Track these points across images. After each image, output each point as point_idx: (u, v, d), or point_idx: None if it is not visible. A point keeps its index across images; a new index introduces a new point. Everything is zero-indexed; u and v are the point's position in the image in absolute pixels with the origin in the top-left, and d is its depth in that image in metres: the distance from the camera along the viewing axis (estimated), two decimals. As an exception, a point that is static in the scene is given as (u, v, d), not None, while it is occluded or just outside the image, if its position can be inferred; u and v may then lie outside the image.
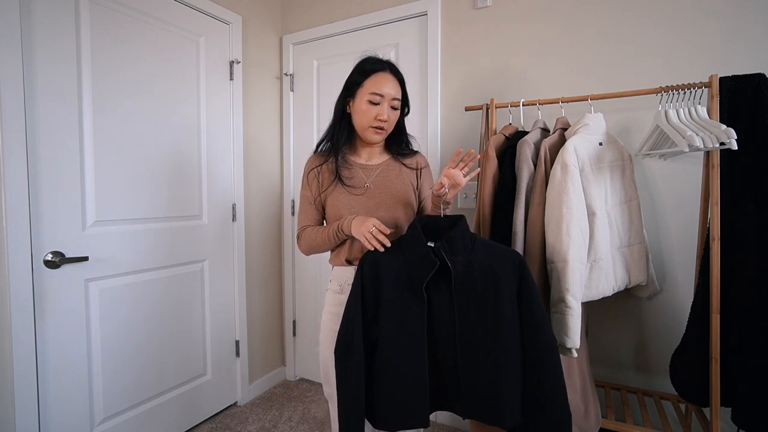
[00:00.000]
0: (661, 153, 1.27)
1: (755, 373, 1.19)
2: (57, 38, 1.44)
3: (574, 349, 1.19)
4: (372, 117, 1.18)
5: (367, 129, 1.20)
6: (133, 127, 1.67)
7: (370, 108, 1.18)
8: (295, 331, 2.46)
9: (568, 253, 1.19)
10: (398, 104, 1.21)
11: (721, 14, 1.45)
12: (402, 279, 1.06)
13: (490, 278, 1.01)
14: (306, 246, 1.25)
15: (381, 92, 1.17)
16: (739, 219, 1.23)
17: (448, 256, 1.02)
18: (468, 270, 1.02)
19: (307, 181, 1.29)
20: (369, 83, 1.18)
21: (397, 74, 1.22)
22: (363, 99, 1.18)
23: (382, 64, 1.21)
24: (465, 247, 1.04)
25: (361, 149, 1.29)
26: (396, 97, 1.20)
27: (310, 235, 1.24)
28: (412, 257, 1.06)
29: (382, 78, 1.19)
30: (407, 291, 1.05)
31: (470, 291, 1.02)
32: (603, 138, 1.34)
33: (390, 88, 1.18)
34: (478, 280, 1.02)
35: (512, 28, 1.79)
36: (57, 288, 1.45)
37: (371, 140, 1.23)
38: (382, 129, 1.20)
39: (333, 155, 1.26)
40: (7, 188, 1.31)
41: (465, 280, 1.02)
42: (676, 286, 1.53)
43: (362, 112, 1.19)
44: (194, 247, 1.93)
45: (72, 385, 1.50)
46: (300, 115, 2.39)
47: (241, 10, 2.14)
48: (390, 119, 1.20)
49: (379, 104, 1.18)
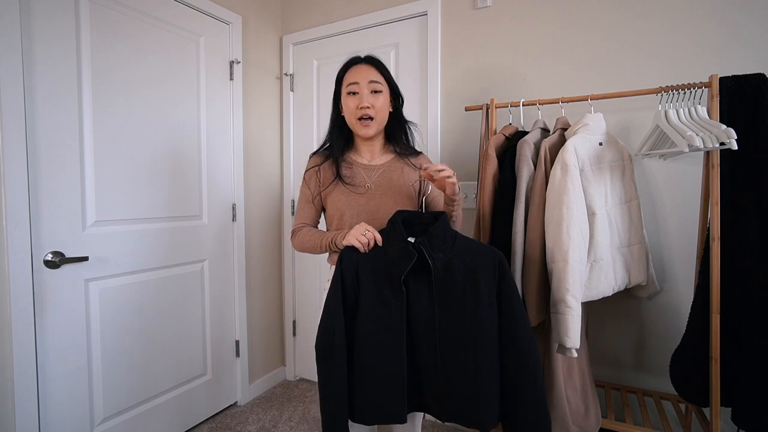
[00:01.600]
0: (660, 153, 1.27)
1: (755, 373, 1.19)
2: (57, 38, 1.44)
3: (574, 348, 1.19)
4: (354, 108, 1.17)
5: (355, 124, 1.19)
6: (133, 127, 1.67)
7: (352, 100, 1.18)
8: (295, 331, 2.46)
9: (568, 253, 1.19)
10: (379, 87, 1.18)
11: (722, 14, 1.45)
12: (381, 274, 1.04)
13: (470, 276, 1.00)
14: (299, 245, 1.25)
15: (355, 80, 1.17)
16: (739, 219, 1.23)
17: (428, 252, 1.01)
18: (448, 267, 1.01)
19: (307, 179, 1.29)
20: (345, 80, 1.20)
21: (371, 61, 1.22)
22: (345, 97, 1.20)
23: (353, 59, 1.23)
24: (445, 243, 1.04)
25: (363, 148, 1.27)
26: (373, 79, 1.18)
27: (305, 237, 1.23)
28: (392, 252, 1.04)
29: (354, 69, 1.20)
30: (386, 286, 1.03)
31: (450, 289, 1.01)
32: (603, 138, 1.34)
33: (363, 72, 1.18)
34: (457, 278, 1.01)
35: (512, 28, 1.79)
36: (57, 288, 1.45)
37: (365, 135, 1.20)
38: (370, 118, 1.18)
39: (333, 156, 1.26)
40: (7, 188, 1.31)
41: (445, 278, 1.01)
42: (676, 286, 1.53)
43: (347, 108, 1.20)
44: (194, 247, 1.93)
45: (72, 385, 1.50)
46: (300, 115, 2.39)
47: (241, 10, 2.14)
48: (375, 106, 1.17)
49: (358, 93, 1.17)
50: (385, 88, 1.20)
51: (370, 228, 1.08)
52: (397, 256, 1.02)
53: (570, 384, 1.33)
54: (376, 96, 1.18)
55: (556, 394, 1.29)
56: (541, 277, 1.27)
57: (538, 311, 1.26)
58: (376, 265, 1.06)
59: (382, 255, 1.06)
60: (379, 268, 1.05)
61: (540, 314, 1.27)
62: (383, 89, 1.19)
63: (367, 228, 1.08)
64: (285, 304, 2.48)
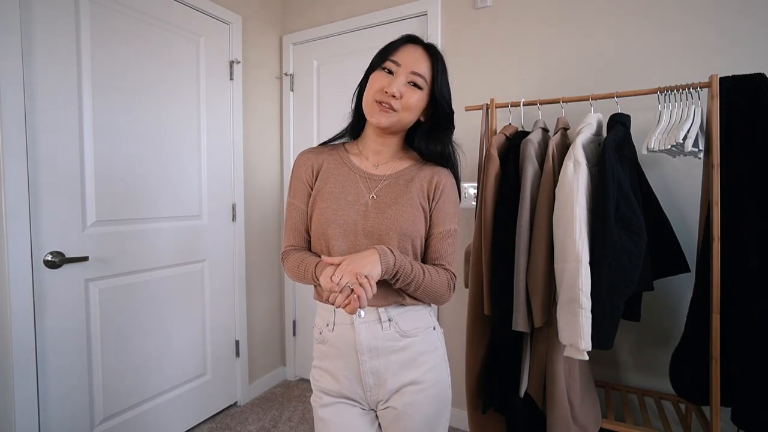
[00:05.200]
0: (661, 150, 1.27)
1: (755, 373, 1.19)
2: (57, 38, 1.43)
3: (587, 351, 1.15)
4: (378, 88, 0.88)
5: (371, 105, 0.89)
6: (133, 127, 1.67)
7: (380, 77, 0.89)
8: (295, 331, 2.46)
9: (581, 252, 1.16)
10: (421, 81, 0.89)
11: (722, 14, 1.45)
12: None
13: None
14: (292, 275, 0.93)
15: (399, 59, 0.89)
16: (739, 219, 1.23)
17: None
18: None
19: (296, 184, 0.97)
20: (388, 55, 0.91)
21: (430, 49, 0.92)
22: (376, 72, 0.91)
23: (409, 36, 0.93)
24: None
25: (370, 146, 0.97)
26: (416, 71, 0.88)
27: (294, 266, 0.92)
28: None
29: (404, 49, 0.90)
30: None
31: None
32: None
33: (410, 56, 0.89)
34: None
35: (512, 28, 1.79)
36: (57, 288, 1.45)
37: (376, 122, 0.89)
38: (389, 108, 0.88)
39: (339, 147, 1.00)
40: (7, 188, 1.31)
41: None
42: (676, 286, 1.53)
43: (370, 85, 0.90)
44: (194, 247, 1.93)
45: (72, 385, 1.50)
46: (300, 115, 2.39)
47: (241, 10, 2.14)
48: (405, 99, 0.88)
49: (394, 74, 0.88)
50: (426, 88, 0.91)
51: (354, 271, 0.75)
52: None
53: (571, 384, 1.33)
54: (412, 90, 0.89)
55: (557, 393, 1.29)
56: (547, 276, 1.27)
57: (543, 312, 1.26)
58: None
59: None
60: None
61: (545, 315, 1.26)
62: (425, 87, 0.90)
63: (349, 272, 0.75)
64: (285, 304, 2.47)
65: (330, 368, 0.93)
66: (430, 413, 0.92)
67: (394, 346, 0.90)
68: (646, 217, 1.22)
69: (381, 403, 0.93)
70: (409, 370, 0.91)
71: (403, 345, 0.91)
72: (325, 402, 0.94)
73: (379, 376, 0.90)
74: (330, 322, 0.92)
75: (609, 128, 1.30)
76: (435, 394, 0.93)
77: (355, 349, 0.90)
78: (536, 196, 1.32)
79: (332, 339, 0.92)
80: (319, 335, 0.96)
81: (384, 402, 0.92)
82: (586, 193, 1.20)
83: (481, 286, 1.42)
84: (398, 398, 0.91)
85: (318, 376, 0.96)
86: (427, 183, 0.94)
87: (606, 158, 1.18)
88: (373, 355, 0.90)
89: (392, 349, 0.90)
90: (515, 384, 1.39)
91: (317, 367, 0.97)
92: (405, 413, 0.90)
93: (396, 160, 0.98)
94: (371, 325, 0.90)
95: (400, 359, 0.91)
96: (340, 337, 0.91)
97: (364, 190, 0.93)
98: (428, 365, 0.93)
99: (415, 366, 0.91)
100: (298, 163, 0.99)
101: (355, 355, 0.90)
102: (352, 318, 0.90)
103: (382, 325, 0.90)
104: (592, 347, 1.15)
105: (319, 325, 0.96)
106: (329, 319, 0.93)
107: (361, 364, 0.90)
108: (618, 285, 1.16)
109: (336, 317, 0.92)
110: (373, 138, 0.96)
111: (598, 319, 1.16)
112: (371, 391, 0.92)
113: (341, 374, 0.92)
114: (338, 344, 0.92)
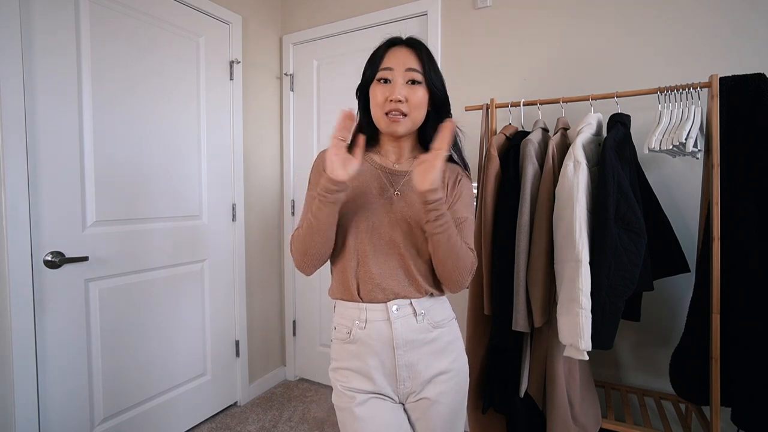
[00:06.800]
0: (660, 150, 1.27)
1: (755, 373, 1.19)
2: (57, 38, 1.43)
3: (587, 351, 1.15)
4: (383, 100, 0.90)
5: (381, 119, 0.91)
6: (133, 127, 1.67)
7: (381, 89, 0.91)
8: (295, 331, 2.46)
9: (582, 253, 1.16)
10: (419, 77, 0.91)
11: (722, 14, 1.45)
12: None
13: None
14: (298, 245, 0.92)
15: (389, 65, 0.91)
16: (739, 219, 1.23)
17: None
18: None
19: (317, 177, 0.97)
20: (379, 64, 0.94)
21: (413, 44, 0.94)
22: (375, 86, 0.93)
23: (391, 40, 0.95)
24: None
25: (389, 148, 1.00)
26: (411, 66, 0.90)
27: (299, 231, 0.93)
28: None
29: (391, 53, 0.93)
30: None
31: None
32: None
33: (400, 57, 0.91)
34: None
35: (512, 28, 1.79)
36: (57, 288, 1.45)
37: (393, 132, 0.92)
38: (399, 114, 0.90)
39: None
40: (7, 188, 1.31)
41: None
42: (675, 286, 1.53)
43: (374, 100, 0.92)
44: (194, 247, 1.93)
45: (72, 385, 1.50)
46: (300, 115, 2.39)
47: (241, 10, 2.14)
48: (411, 100, 0.90)
49: (390, 81, 0.90)
50: (424, 81, 0.92)
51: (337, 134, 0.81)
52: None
53: (571, 384, 1.33)
54: (413, 88, 0.91)
55: (557, 393, 1.29)
56: (547, 276, 1.27)
57: (543, 312, 1.26)
58: None
59: None
60: None
61: (545, 315, 1.26)
62: (422, 81, 0.92)
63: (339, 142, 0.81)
64: (285, 304, 2.47)
65: (360, 367, 0.92)
66: (458, 400, 0.96)
67: (427, 338, 0.93)
68: (646, 217, 1.22)
69: (413, 395, 0.94)
70: (439, 359, 0.94)
71: (434, 336, 0.94)
72: (360, 400, 0.92)
73: (413, 368, 0.92)
74: (361, 319, 0.92)
75: (609, 128, 1.30)
76: (461, 381, 0.97)
77: (390, 345, 0.91)
78: (536, 196, 1.32)
79: (364, 337, 0.91)
80: (347, 335, 0.93)
81: (417, 394, 0.94)
82: (586, 193, 1.20)
83: (481, 286, 1.43)
84: (431, 388, 0.93)
85: (344, 377, 0.94)
86: (446, 178, 0.98)
87: (606, 158, 1.18)
88: (408, 348, 0.91)
89: (425, 341, 0.93)
90: (515, 384, 1.39)
91: (343, 368, 0.94)
92: (438, 402, 0.93)
93: (413, 157, 1.00)
94: (406, 319, 0.92)
95: (431, 350, 0.93)
96: (374, 334, 0.91)
97: (388, 185, 0.96)
98: (454, 354, 0.97)
99: (444, 356, 0.95)
100: (321, 158, 0.99)
101: (389, 351, 0.91)
102: (386, 314, 0.91)
103: (417, 318, 0.92)
104: (592, 347, 1.15)
105: (344, 325, 0.94)
106: (359, 316, 0.92)
107: (397, 358, 0.91)
108: (618, 285, 1.16)
109: (368, 314, 0.91)
110: (389, 142, 0.99)
111: (598, 319, 1.16)
112: (404, 384, 0.93)
113: (374, 371, 0.92)
114: (371, 341, 0.91)
